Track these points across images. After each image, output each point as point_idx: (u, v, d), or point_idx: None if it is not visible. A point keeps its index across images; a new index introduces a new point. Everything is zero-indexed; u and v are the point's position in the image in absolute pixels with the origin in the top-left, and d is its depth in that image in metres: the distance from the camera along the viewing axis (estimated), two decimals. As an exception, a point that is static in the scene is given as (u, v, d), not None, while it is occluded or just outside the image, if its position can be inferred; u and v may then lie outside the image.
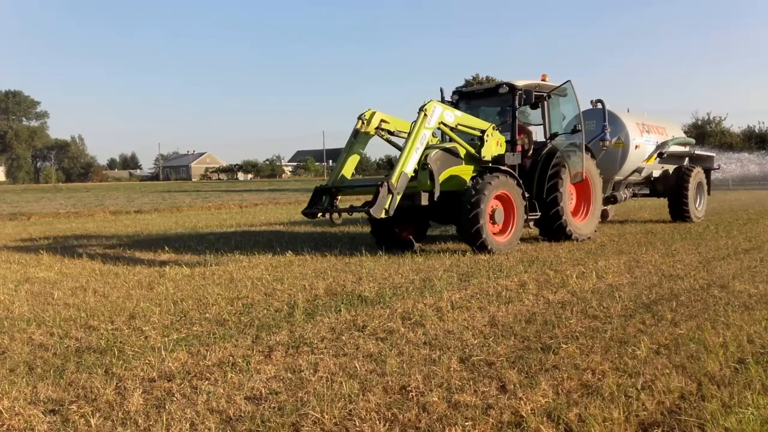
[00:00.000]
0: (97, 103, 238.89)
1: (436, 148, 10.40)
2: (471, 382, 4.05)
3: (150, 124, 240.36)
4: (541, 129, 11.88)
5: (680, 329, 5.24)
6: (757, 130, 60.61)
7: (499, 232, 10.39)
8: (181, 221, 19.49)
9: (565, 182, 11.15)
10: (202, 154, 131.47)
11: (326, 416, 3.53)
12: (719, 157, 18.82)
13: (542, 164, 11.35)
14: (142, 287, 7.64)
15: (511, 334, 5.23)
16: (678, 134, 16.47)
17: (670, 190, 15.51)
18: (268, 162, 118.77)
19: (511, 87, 11.25)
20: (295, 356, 4.71)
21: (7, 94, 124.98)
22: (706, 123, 61.79)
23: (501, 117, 11.82)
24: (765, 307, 6.02)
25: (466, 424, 3.41)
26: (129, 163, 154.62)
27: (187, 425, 3.49)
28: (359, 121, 10.09)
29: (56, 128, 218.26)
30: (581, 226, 11.80)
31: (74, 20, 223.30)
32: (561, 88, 11.72)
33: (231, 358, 4.67)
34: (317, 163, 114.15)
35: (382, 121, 10.25)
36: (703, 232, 13.08)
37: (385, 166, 73.51)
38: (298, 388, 4.02)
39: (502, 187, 10.22)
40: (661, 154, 15.16)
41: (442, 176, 10.07)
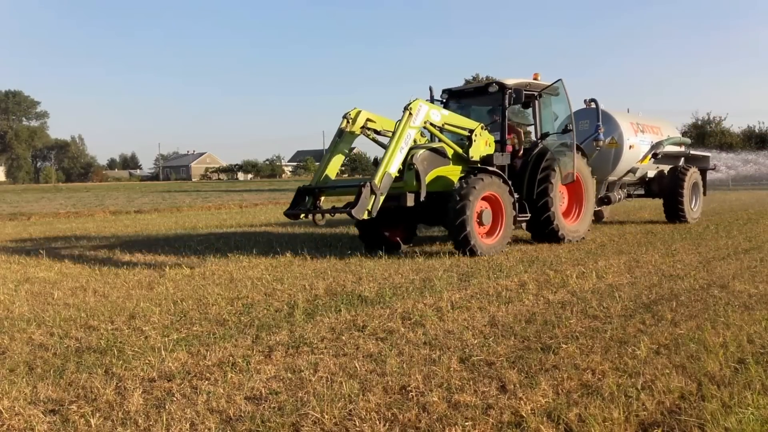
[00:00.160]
0: (97, 103, 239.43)
1: (423, 148, 10.13)
2: (471, 382, 4.05)
3: (150, 124, 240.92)
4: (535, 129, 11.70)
5: (680, 329, 5.24)
6: (757, 130, 60.64)
7: (487, 234, 10.15)
8: (181, 221, 19.49)
9: (555, 183, 10.94)
10: (202, 154, 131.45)
11: (326, 416, 3.53)
12: (719, 157, 18.77)
13: (533, 165, 11.13)
14: (142, 287, 7.64)
15: (511, 334, 5.23)
16: (673, 134, 16.25)
17: (665, 191, 15.33)
18: (268, 162, 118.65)
19: (501, 86, 11.05)
20: (295, 356, 4.71)
21: (7, 94, 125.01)
22: (706, 123, 61.78)
23: (492, 116, 11.57)
24: (765, 307, 6.02)
25: (466, 424, 3.41)
26: (129, 163, 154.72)
27: (187, 425, 3.50)
28: (344, 120, 9.75)
29: (56, 128, 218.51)
30: (573, 227, 11.57)
31: (74, 20, 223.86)
32: (552, 87, 11.51)
33: (231, 358, 4.67)
34: (317, 163, 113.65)
35: (368, 120, 9.93)
36: (703, 232, 13.07)
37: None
38: (298, 388, 4.02)
39: (489, 189, 9.96)
40: (655, 155, 14.97)
41: (428, 177, 9.89)
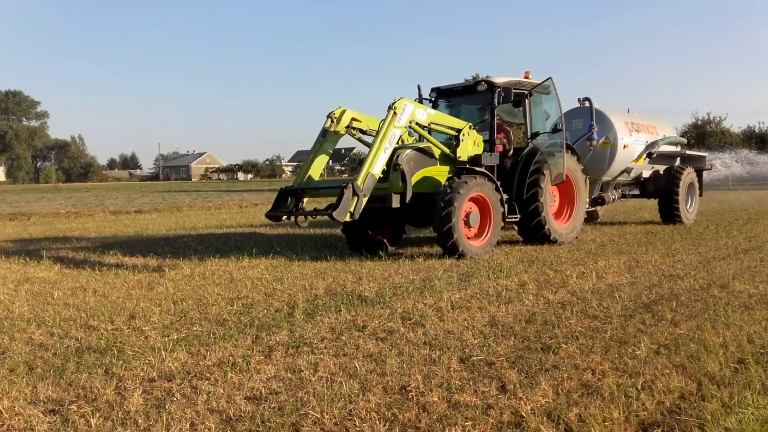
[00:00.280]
0: (97, 103, 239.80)
1: (409, 148, 9.92)
2: (471, 382, 4.05)
3: (150, 124, 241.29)
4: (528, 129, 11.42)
5: (680, 329, 5.24)
6: (757, 130, 60.68)
7: (475, 236, 9.88)
8: (181, 221, 19.49)
9: (545, 187, 10.66)
10: (202, 154, 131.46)
11: (326, 416, 3.53)
12: (718, 157, 18.71)
13: (523, 165, 10.86)
14: (142, 287, 7.64)
15: (511, 334, 5.23)
16: (670, 134, 16.05)
17: (661, 191, 15.08)
18: (268, 162, 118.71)
19: (490, 84, 10.75)
20: (295, 356, 4.71)
21: (7, 94, 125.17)
22: (706, 123, 61.81)
23: (482, 115, 11.33)
24: (765, 307, 6.02)
25: (466, 424, 3.41)
26: (129, 163, 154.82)
27: (187, 425, 3.49)
28: (328, 120, 9.33)
29: (56, 128, 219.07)
30: (564, 228, 11.27)
31: (74, 20, 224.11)
32: (543, 85, 11.19)
33: (231, 358, 4.67)
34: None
35: (354, 119, 9.50)
36: (703, 232, 13.06)
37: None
38: (298, 388, 4.02)
39: (477, 189, 9.70)
40: (650, 154, 14.79)
41: (414, 177, 9.71)
